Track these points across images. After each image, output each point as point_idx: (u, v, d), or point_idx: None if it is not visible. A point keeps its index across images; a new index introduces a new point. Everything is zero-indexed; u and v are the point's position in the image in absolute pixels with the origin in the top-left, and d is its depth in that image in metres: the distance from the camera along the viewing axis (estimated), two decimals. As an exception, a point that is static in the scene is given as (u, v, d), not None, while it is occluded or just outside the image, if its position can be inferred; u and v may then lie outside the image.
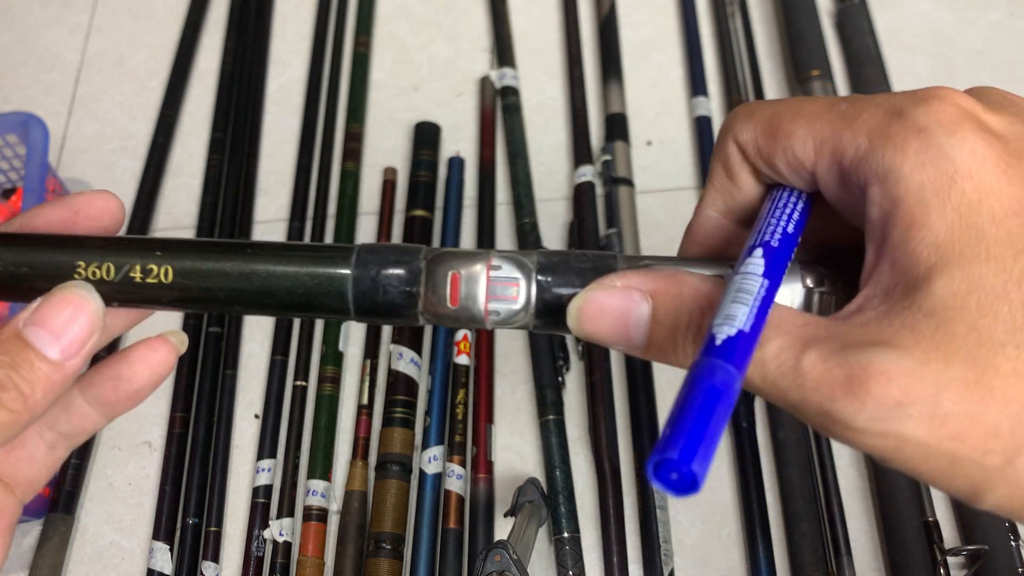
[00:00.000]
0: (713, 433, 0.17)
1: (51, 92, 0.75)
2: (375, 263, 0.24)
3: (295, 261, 0.24)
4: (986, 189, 0.18)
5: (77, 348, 0.23)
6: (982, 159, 0.19)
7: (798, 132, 0.21)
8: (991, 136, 0.19)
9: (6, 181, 0.67)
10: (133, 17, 0.79)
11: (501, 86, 0.69)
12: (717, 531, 0.52)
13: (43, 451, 0.26)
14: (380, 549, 0.51)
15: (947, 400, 0.17)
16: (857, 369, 0.18)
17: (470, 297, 0.23)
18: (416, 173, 0.65)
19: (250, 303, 0.24)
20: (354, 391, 0.59)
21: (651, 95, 0.69)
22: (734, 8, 0.71)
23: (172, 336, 0.26)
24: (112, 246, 0.24)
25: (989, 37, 0.69)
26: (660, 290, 0.22)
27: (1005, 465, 0.17)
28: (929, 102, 0.20)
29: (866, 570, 0.50)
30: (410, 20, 0.75)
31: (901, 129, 0.19)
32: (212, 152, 0.69)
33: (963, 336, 0.18)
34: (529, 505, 0.49)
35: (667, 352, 0.22)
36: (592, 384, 0.55)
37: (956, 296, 0.18)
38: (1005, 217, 0.18)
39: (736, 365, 0.18)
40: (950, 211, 0.18)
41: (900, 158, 0.19)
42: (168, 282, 0.24)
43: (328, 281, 0.24)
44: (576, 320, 0.22)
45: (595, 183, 0.63)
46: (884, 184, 0.19)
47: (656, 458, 0.16)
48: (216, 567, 0.54)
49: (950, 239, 0.18)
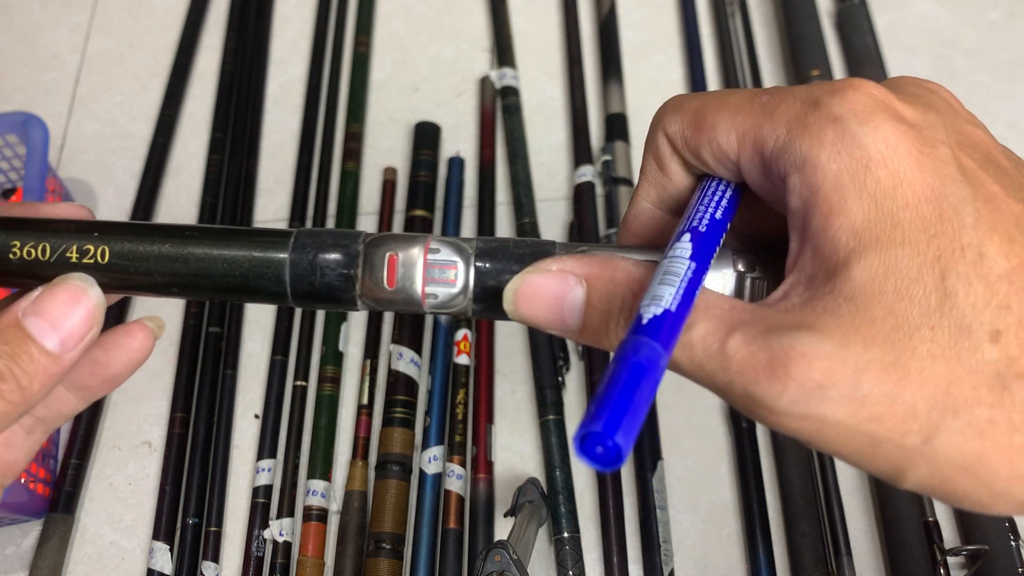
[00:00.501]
0: (637, 407, 0.17)
1: (51, 92, 0.75)
2: (313, 247, 0.24)
3: (233, 244, 0.24)
4: (900, 176, 0.19)
5: (76, 341, 0.23)
6: (895, 147, 0.19)
7: (721, 124, 0.22)
8: (904, 125, 0.20)
9: (6, 181, 0.67)
10: (133, 17, 0.79)
11: (501, 86, 0.69)
12: (717, 531, 0.52)
13: (21, 436, 0.26)
14: (380, 549, 0.51)
15: (866, 382, 0.18)
16: (779, 352, 0.18)
17: (407, 279, 0.23)
18: (416, 173, 0.65)
19: (187, 285, 0.24)
20: (354, 391, 0.59)
21: (651, 95, 0.69)
22: (734, 8, 0.71)
23: (149, 321, 0.26)
24: (50, 227, 0.24)
25: (989, 37, 0.69)
26: (594, 274, 0.22)
27: (923, 444, 0.18)
28: (844, 92, 0.20)
29: (866, 570, 0.50)
30: (410, 20, 0.75)
31: (817, 119, 0.20)
32: (212, 152, 0.69)
33: (881, 319, 0.18)
34: (529, 505, 0.49)
35: (600, 335, 0.22)
36: (592, 384, 0.55)
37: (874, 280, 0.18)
38: (918, 203, 0.19)
39: (662, 343, 0.18)
40: (866, 198, 0.19)
41: (817, 147, 0.20)
42: (104, 263, 0.24)
43: (265, 264, 0.23)
44: (512, 303, 0.23)
45: (595, 183, 0.63)
46: (802, 173, 0.20)
47: (581, 432, 0.17)
48: (216, 567, 0.54)
49: (867, 225, 0.19)
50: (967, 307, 0.18)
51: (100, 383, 0.26)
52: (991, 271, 0.18)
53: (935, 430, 0.18)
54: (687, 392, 0.56)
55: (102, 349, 0.26)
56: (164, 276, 0.24)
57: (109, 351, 0.26)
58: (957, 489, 0.18)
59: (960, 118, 0.21)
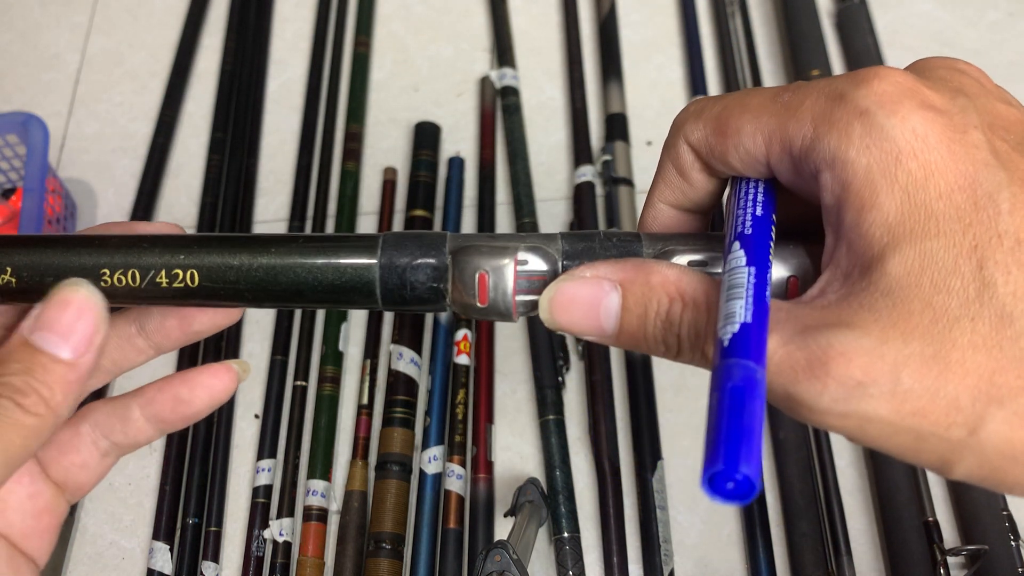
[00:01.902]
0: (750, 432, 0.17)
1: (51, 92, 0.75)
2: (400, 254, 0.24)
3: (321, 255, 0.24)
4: (931, 166, 0.19)
5: (87, 345, 0.23)
6: (924, 137, 0.19)
7: (746, 128, 0.21)
8: (933, 112, 0.19)
9: (6, 181, 0.67)
10: (133, 17, 0.79)
11: (501, 86, 0.69)
12: (717, 531, 0.53)
13: (96, 458, 0.27)
14: (380, 549, 0.51)
15: (907, 377, 0.17)
16: (817, 351, 0.18)
17: (498, 294, 0.23)
18: (416, 173, 0.65)
19: (278, 299, 0.24)
20: (354, 391, 0.59)
21: (651, 95, 0.69)
22: (734, 8, 0.71)
23: (235, 364, 0.27)
24: (135, 251, 0.24)
25: (989, 37, 0.69)
26: (629, 279, 0.22)
27: (969, 436, 0.17)
28: (868, 83, 0.20)
29: (866, 570, 0.50)
30: (410, 20, 0.75)
31: (844, 114, 0.19)
32: (212, 152, 0.69)
33: (919, 313, 0.18)
34: (529, 505, 0.49)
35: (639, 339, 0.22)
36: (592, 384, 0.55)
37: (910, 274, 0.18)
38: (951, 192, 0.18)
39: (753, 359, 0.18)
40: (898, 191, 0.19)
41: (845, 143, 0.19)
42: (195, 286, 0.24)
43: (355, 275, 0.24)
44: (548, 312, 0.22)
45: (595, 183, 0.63)
46: (833, 170, 0.20)
47: (707, 474, 0.16)
48: (216, 567, 0.54)
49: (900, 218, 0.18)
50: (1007, 295, 0.17)
51: (179, 418, 0.27)
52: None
53: (981, 421, 0.17)
54: (687, 392, 0.56)
55: (187, 386, 0.26)
56: (255, 291, 0.24)
57: (193, 390, 0.26)
58: (1007, 478, 0.18)
59: (992, 97, 0.21)
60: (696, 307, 0.21)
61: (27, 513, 0.25)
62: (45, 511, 0.25)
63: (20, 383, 0.22)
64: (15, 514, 0.24)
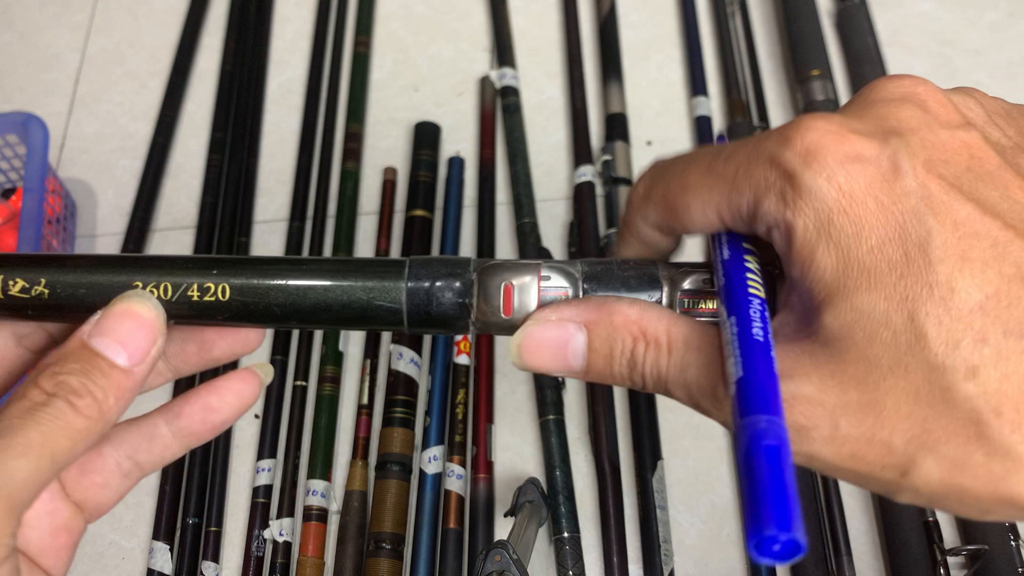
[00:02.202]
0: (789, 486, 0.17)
1: (51, 92, 0.75)
2: (427, 276, 0.24)
3: (350, 276, 0.24)
4: (861, 221, 0.19)
5: (143, 354, 0.23)
6: (851, 192, 0.19)
7: (693, 206, 0.22)
8: (859, 163, 0.19)
9: (6, 181, 0.67)
10: (133, 17, 0.79)
11: (501, 86, 0.69)
12: (717, 531, 0.53)
13: (117, 479, 0.27)
14: (380, 549, 0.51)
15: (844, 424, 0.19)
16: None
17: (523, 306, 0.24)
18: (416, 173, 0.65)
19: (306, 319, 0.25)
20: (354, 391, 0.59)
21: (651, 95, 0.69)
22: (734, 8, 0.71)
23: (259, 369, 0.27)
24: (168, 265, 0.25)
25: (989, 37, 0.69)
26: (593, 320, 0.23)
27: (900, 478, 0.19)
28: (792, 141, 0.20)
29: (866, 570, 0.50)
30: (410, 20, 0.76)
31: (775, 178, 0.20)
32: (212, 152, 0.69)
33: (855, 363, 0.19)
34: (529, 505, 0.49)
35: (606, 377, 0.23)
36: (592, 384, 0.55)
37: (846, 327, 0.19)
38: (882, 245, 0.19)
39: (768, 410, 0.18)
40: (832, 248, 0.19)
41: (780, 207, 0.20)
42: (225, 300, 0.24)
43: (382, 296, 0.24)
44: (517, 356, 0.23)
45: (595, 183, 0.63)
46: (777, 229, 0.20)
47: (755, 540, 0.17)
48: (216, 567, 0.54)
49: (836, 274, 0.19)
50: (939, 345, 0.18)
51: (208, 429, 0.27)
52: (964, 305, 0.18)
53: (912, 464, 0.18)
54: (687, 392, 0.56)
55: (216, 394, 0.27)
56: (284, 310, 0.24)
57: (223, 396, 0.27)
58: (945, 507, 0.19)
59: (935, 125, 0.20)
60: (657, 346, 0.22)
61: (45, 530, 0.25)
62: (63, 529, 0.25)
63: (76, 384, 0.22)
64: (33, 531, 0.24)
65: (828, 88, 0.64)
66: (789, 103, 0.67)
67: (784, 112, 0.67)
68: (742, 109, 0.65)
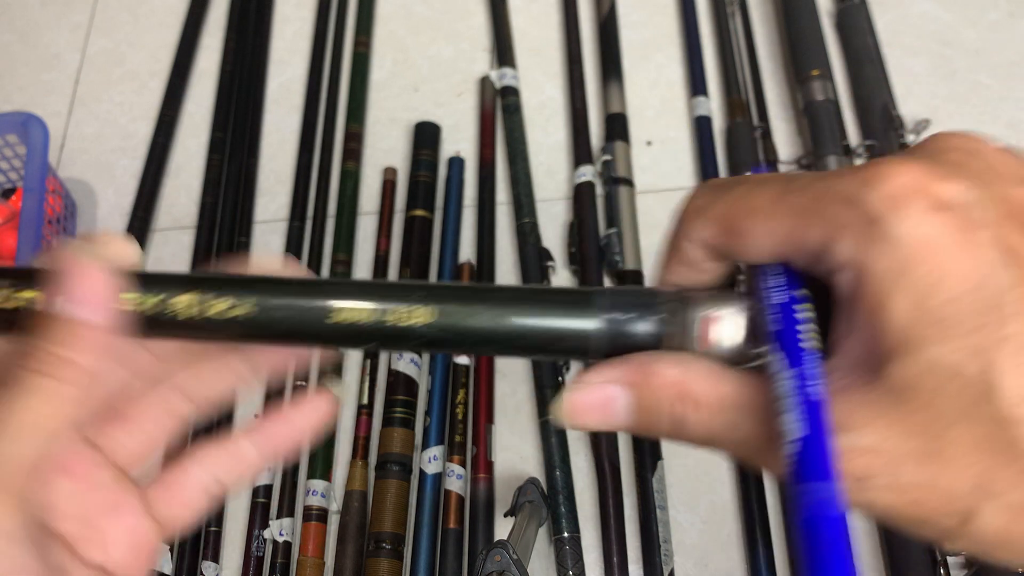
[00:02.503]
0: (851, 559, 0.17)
1: (51, 92, 0.75)
2: (618, 307, 0.24)
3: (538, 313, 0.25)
4: (940, 271, 0.19)
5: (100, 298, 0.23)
6: (934, 241, 0.19)
7: (756, 231, 0.22)
8: (944, 212, 0.19)
9: (6, 181, 0.67)
10: (133, 17, 0.79)
11: (501, 86, 0.69)
12: (717, 531, 0.52)
13: (199, 498, 0.27)
14: (380, 549, 0.51)
15: (906, 472, 0.19)
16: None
17: (722, 340, 0.24)
18: (416, 173, 0.65)
19: (502, 347, 0.25)
20: (354, 391, 0.59)
21: (651, 95, 0.69)
22: (734, 8, 0.71)
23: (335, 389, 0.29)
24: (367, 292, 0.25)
25: (989, 37, 0.69)
26: (635, 382, 0.23)
27: (960, 526, 0.19)
28: (875, 185, 0.20)
29: (866, 570, 0.50)
30: (410, 20, 0.75)
31: (855, 220, 0.20)
32: (212, 152, 0.69)
33: (920, 412, 0.19)
34: (529, 505, 0.49)
35: (654, 433, 0.23)
36: (592, 384, 0.55)
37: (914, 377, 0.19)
38: (959, 297, 0.19)
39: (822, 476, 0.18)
40: (908, 297, 0.19)
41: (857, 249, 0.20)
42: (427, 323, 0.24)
43: (571, 333, 0.24)
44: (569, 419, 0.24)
45: (595, 183, 0.63)
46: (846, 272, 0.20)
47: None
48: (216, 567, 0.54)
49: (909, 323, 0.19)
50: (1006, 399, 0.18)
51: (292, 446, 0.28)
52: None
53: (972, 513, 0.19)
54: (687, 392, 0.56)
55: (299, 412, 0.28)
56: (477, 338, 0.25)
57: (306, 414, 0.28)
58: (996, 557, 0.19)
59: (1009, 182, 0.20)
60: (703, 407, 0.22)
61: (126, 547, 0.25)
62: (143, 546, 0.26)
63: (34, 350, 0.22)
64: (115, 547, 0.25)
65: (828, 88, 0.64)
66: (789, 103, 0.67)
67: (784, 112, 0.67)
68: (742, 109, 0.65)
